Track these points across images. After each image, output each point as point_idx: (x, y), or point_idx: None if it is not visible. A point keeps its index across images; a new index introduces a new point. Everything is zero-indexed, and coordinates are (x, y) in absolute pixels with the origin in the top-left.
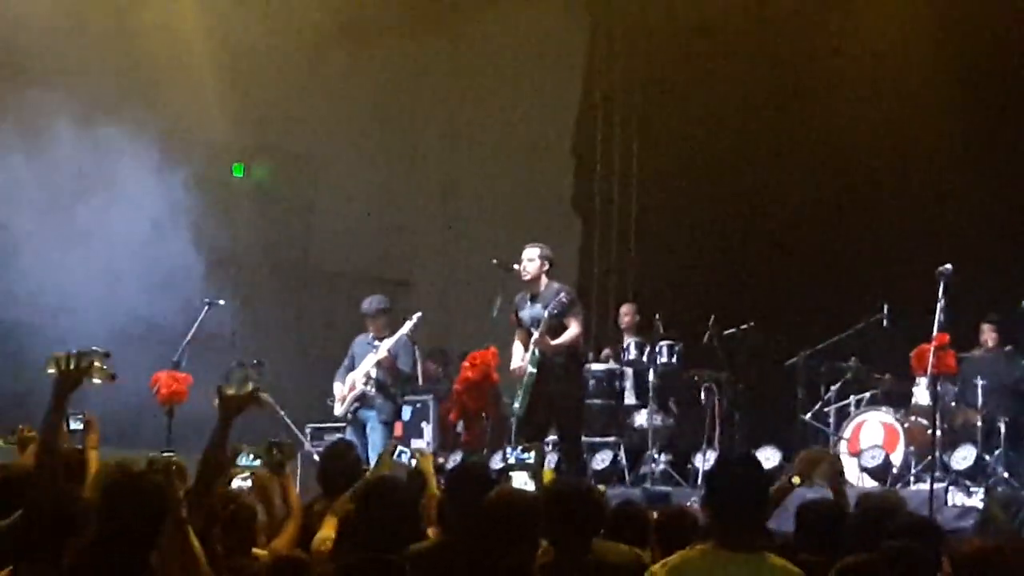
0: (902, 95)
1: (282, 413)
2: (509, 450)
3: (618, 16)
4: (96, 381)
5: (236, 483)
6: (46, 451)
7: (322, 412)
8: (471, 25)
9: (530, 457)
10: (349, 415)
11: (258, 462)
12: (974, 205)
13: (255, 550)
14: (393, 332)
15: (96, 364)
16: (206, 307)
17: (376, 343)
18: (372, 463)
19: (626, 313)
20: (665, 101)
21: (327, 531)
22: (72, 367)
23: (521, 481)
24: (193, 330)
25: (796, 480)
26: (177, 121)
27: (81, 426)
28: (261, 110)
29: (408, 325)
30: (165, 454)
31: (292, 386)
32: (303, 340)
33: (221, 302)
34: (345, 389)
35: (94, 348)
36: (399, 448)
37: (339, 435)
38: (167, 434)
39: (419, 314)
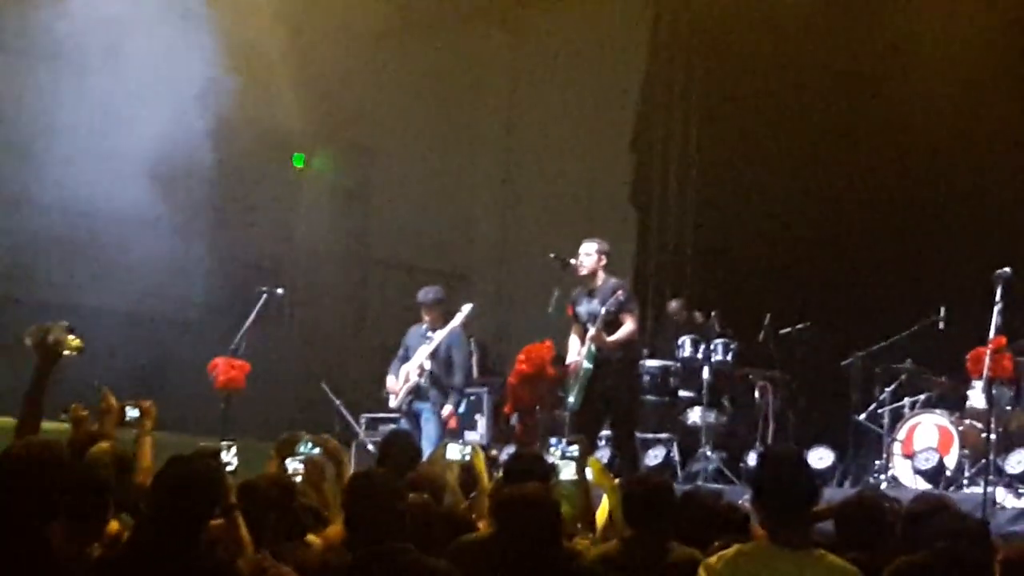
0: (963, 96)
1: (338, 402)
2: (553, 442)
3: (681, 9)
4: (67, 353)
5: (291, 468)
6: (29, 426)
7: (378, 402)
8: (532, 18)
9: (575, 450)
10: (404, 407)
11: (317, 450)
12: None
13: (309, 536)
14: (447, 324)
15: (66, 337)
16: (264, 296)
17: (430, 334)
18: (426, 454)
19: (675, 311)
20: (726, 97)
21: None
22: (50, 343)
23: (570, 473)
24: (252, 318)
25: None
26: (240, 110)
27: (138, 414)
28: (323, 101)
29: (459, 316)
30: (225, 442)
31: (349, 376)
32: (361, 330)
33: (279, 291)
34: (400, 381)
35: (60, 322)
36: (450, 444)
37: (394, 426)
38: (223, 420)
39: (470, 305)
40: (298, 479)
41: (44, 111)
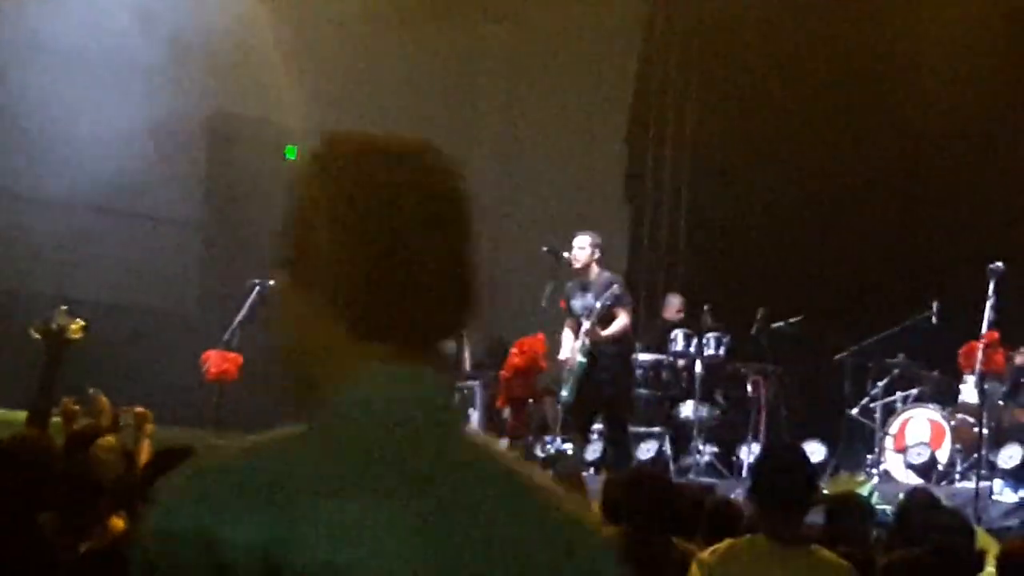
0: (960, 89)
1: None
2: (549, 439)
3: (674, 5)
4: (76, 337)
5: None
6: (40, 417)
7: None
8: (528, 12)
9: (568, 447)
10: None
11: None
12: None
13: None
14: None
15: (69, 321)
16: (257, 288)
17: None
18: None
19: (675, 306)
20: (721, 91)
21: None
22: (54, 329)
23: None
24: (244, 311)
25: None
26: (233, 101)
27: (132, 421)
28: (317, 93)
29: None
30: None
31: None
32: None
33: (271, 283)
34: None
35: (60, 307)
36: None
37: None
38: (216, 413)
39: None
40: None
41: (38, 105)
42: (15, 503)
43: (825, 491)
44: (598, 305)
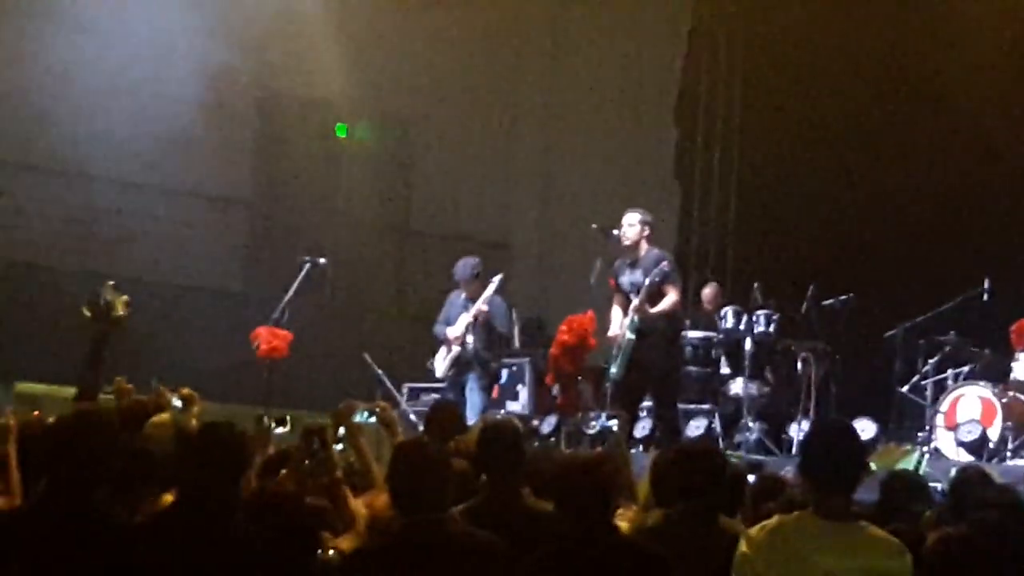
0: (1011, 67)
1: (379, 372)
2: (593, 415)
3: None
4: (122, 313)
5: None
6: (88, 395)
7: (420, 372)
8: None
9: (614, 424)
10: (449, 377)
11: (373, 419)
12: None
13: (355, 503)
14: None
15: (117, 297)
16: (306, 265)
17: (469, 305)
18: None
19: (708, 297)
20: (770, 71)
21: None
22: (102, 305)
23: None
24: (294, 288)
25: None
26: (281, 79)
27: (181, 404)
28: (365, 71)
29: (491, 287)
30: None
31: (391, 346)
32: (402, 300)
33: (321, 260)
34: (449, 336)
35: (107, 282)
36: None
37: (435, 396)
38: (266, 390)
39: (500, 275)
40: (340, 447)
41: (85, 82)
42: (74, 476)
43: (871, 462)
44: (647, 282)
